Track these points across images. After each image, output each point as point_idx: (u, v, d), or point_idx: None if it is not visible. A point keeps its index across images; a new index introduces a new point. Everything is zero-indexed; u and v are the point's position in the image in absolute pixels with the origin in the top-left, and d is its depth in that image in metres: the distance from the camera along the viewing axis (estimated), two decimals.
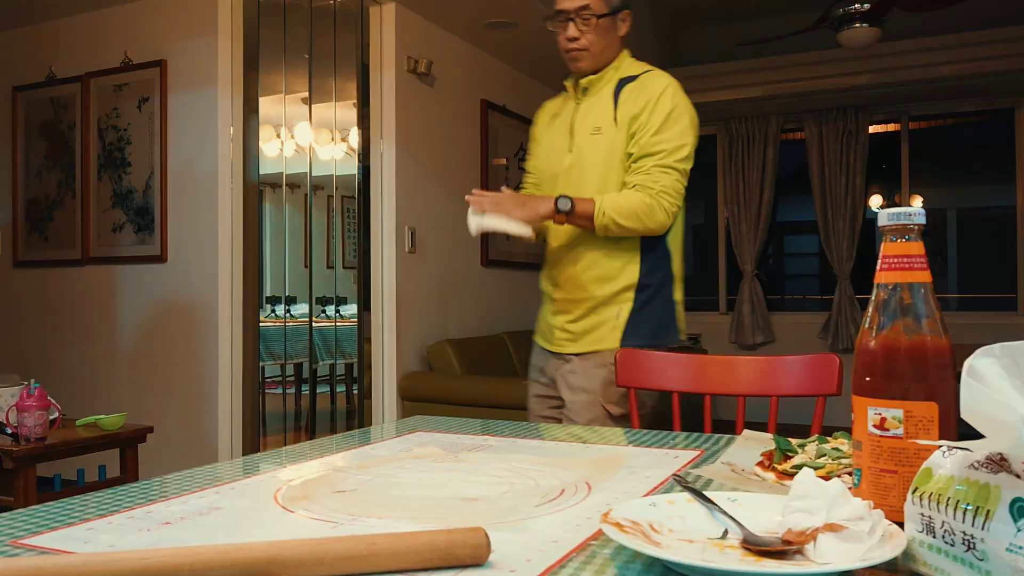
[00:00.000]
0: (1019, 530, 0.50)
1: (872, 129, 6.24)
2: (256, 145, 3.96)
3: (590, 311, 1.93)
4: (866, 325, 0.72)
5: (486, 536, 0.62)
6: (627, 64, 1.99)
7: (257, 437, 3.97)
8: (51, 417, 2.84)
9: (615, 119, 1.90)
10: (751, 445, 1.10)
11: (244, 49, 3.86)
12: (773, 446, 0.99)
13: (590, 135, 1.92)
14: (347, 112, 4.08)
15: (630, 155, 1.89)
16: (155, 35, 4.01)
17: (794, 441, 0.99)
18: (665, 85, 1.90)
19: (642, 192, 1.85)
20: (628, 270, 1.92)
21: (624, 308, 1.92)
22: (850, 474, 0.83)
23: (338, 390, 4.50)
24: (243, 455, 3.69)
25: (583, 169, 1.92)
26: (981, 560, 0.52)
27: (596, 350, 1.92)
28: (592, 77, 1.96)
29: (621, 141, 1.90)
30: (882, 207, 3.23)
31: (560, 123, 2.01)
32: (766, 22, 5.84)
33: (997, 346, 0.55)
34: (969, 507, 0.54)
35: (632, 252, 1.92)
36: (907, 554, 0.59)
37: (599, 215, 1.83)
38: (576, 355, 1.94)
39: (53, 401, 2.87)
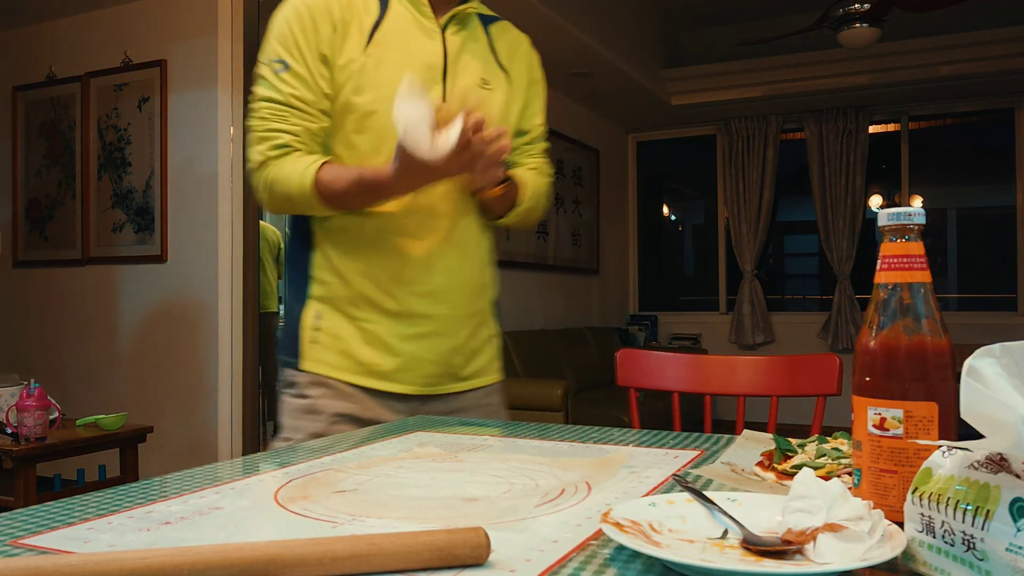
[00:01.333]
0: (1019, 530, 0.50)
1: (872, 129, 6.25)
2: None
3: (475, 331, 1.45)
4: (866, 325, 0.72)
5: (486, 536, 0.62)
6: None
7: (257, 437, 3.97)
8: (51, 417, 2.84)
9: (507, 75, 1.44)
10: (751, 445, 1.10)
11: (244, 49, 3.86)
12: (773, 446, 0.99)
13: (478, 87, 1.38)
14: None
15: (522, 132, 1.49)
16: (155, 35, 4.01)
17: (794, 441, 0.99)
18: (530, 43, 1.52)
19: (544, 180, 1.50)
20: (491, 274, 1.49)
21: (493, 325, 1.51)
22: (850, 474, 0.83)
23: None
24: (243, 455, 3.69)
25: None
26: (981, 560, 0.52)
27: (485, 384, 1.48)
28: (467, 5, 1.39)
29: (517, 105, 1.46)
30: (882, 207, 3.23)
31: (406, 50, 1.33)
32: (766, 22, 5.85)
33: (997, 346, 0.55)
34: (969, 507, 0.54)
35: (490, 252, 1.49)
36: (907, 554, 0.59)
37: (530, 197, 1.42)
38: (457, 393, 1.44)
39: (53, 401, 2.87)
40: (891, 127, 6.32)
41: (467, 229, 1.40)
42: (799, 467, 0.89)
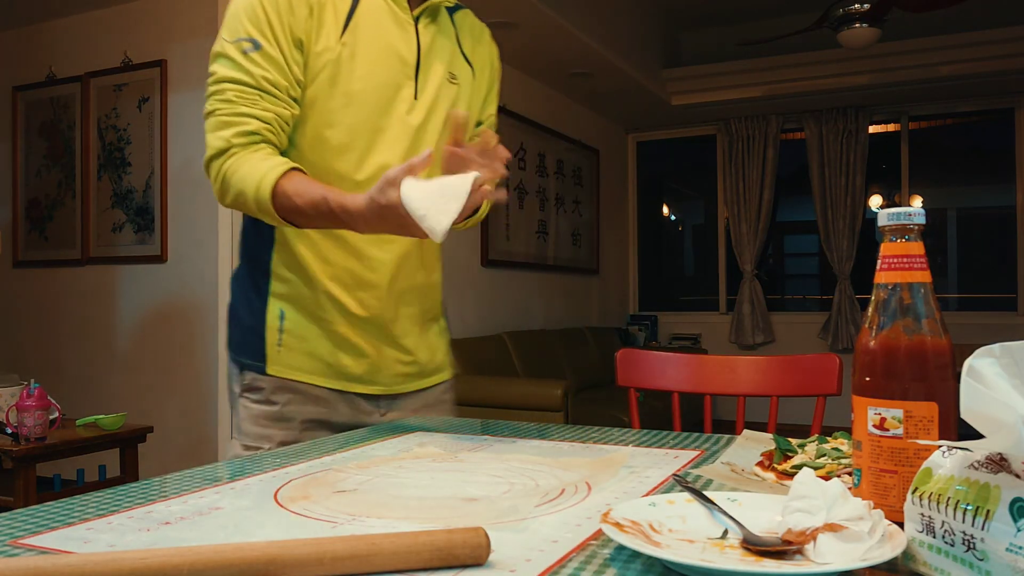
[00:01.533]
0: (1019, 530, 0.50)
1: (872, 129, 6.25)
2: None
3: (431, 327, 1.44)
4: (866, 325, 0.72)
5: (486, 536, 0.62)
6: None
7: None
8: (51, 417, 2.84)
9: (471, 68, 1.39)
10: (751, 445, 1.10)
11: None
12: (773, 446, 0.99)
13: (448, 82, 1.33)
14: None
15: (477, 122, 1.44)
16: (155, 35, 4.01)
17: (794, 441, 0.99)
18: (491, 35, 1.48)
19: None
20: (440, 270, 1.47)
21: (443, 321, 1.49)
22: (850, 474, 0.83)
23: None
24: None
25: (435, 132, 1.29)
26: (981, 560, 0.52)
27: (445, 379, 1.47)
28: None
29: (479, 98, 1.42)
30: (882, 207, 3.23)
31: (381, 42, 1.25)
32: (766, 22, 5.85)
33: (997, 346, 0.55)
34: (969, 507, 0.54)
35: (439, 249, 1.45)
36: (907, 554, 0.59)
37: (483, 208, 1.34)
38: (422, 390, 1.42)
39: (53, 401, 2.87)
40: (891, 127, 6.32)
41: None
42: (799, 467, 0.89)
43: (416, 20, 1.29)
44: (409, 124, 1.27)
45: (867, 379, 0.71)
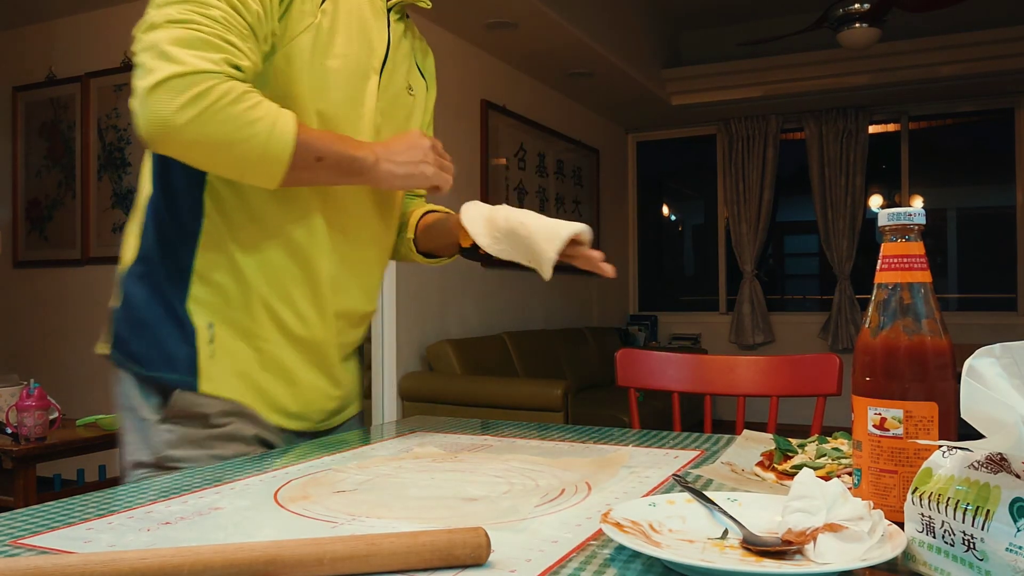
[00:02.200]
0: (1019, 530, 0.50)
1: (872, 129, 6.25)
2: None
3: (353, 358, 1.30)
4: (866, 325, 0.72)
5: (486, 536, 0.62)
6: None
7: None
8: (51, 417, 2.84)
9: (425, 81, 1.34)
10: (751, 445, 1.10)
11: None
12: (773, 446, 0.99)
13: (406, 93, 1.26)
14: None
15: None
16: None
17: (794, 441, 0.99)
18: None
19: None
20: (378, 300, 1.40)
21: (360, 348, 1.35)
22: (850, 474, 0.83)
23: None
24: None
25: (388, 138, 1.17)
26: (981, 560, 0.52)
27: (356, 412, 1.34)
28: None
29: (428, 116, 1.38)
30: (882, 207, 3.23)
31: (357, 23, 1.14)
32: (766, 22, 5.85)
33: (997, 346, 0.55)
34: (969, 507, 0.54)
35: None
36: (907, 554, 0.59)
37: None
38: (338, 425, 1.29)
39: (53, 401, 2.87)
40: (891, 127, 6.32)
41: (382, 250, 1.27)
42: (799, 467, 0.89)
43: (388, 12, 1.21)
44: (375, 123, 1.17)
45: (867, 379, 0.71)
